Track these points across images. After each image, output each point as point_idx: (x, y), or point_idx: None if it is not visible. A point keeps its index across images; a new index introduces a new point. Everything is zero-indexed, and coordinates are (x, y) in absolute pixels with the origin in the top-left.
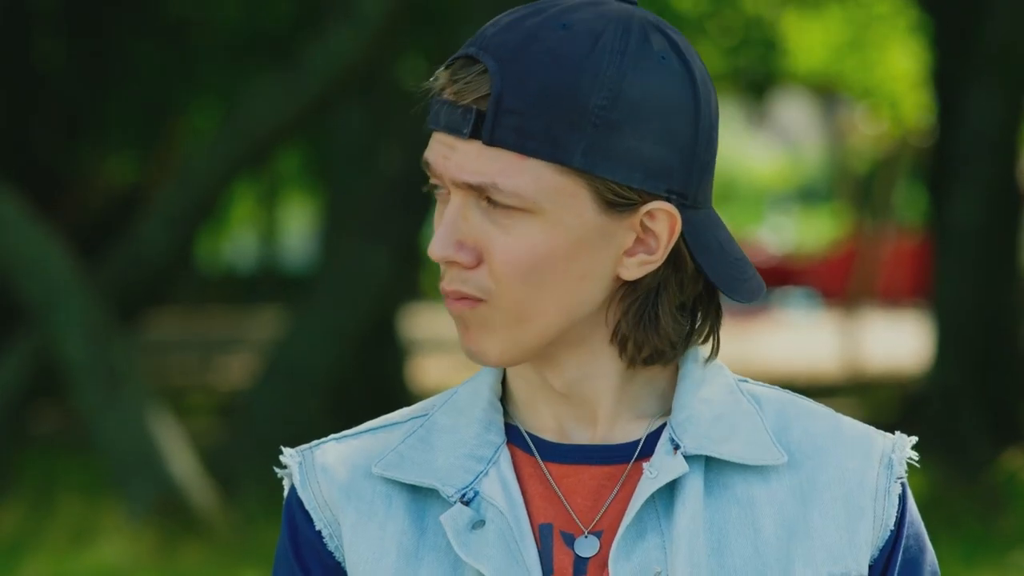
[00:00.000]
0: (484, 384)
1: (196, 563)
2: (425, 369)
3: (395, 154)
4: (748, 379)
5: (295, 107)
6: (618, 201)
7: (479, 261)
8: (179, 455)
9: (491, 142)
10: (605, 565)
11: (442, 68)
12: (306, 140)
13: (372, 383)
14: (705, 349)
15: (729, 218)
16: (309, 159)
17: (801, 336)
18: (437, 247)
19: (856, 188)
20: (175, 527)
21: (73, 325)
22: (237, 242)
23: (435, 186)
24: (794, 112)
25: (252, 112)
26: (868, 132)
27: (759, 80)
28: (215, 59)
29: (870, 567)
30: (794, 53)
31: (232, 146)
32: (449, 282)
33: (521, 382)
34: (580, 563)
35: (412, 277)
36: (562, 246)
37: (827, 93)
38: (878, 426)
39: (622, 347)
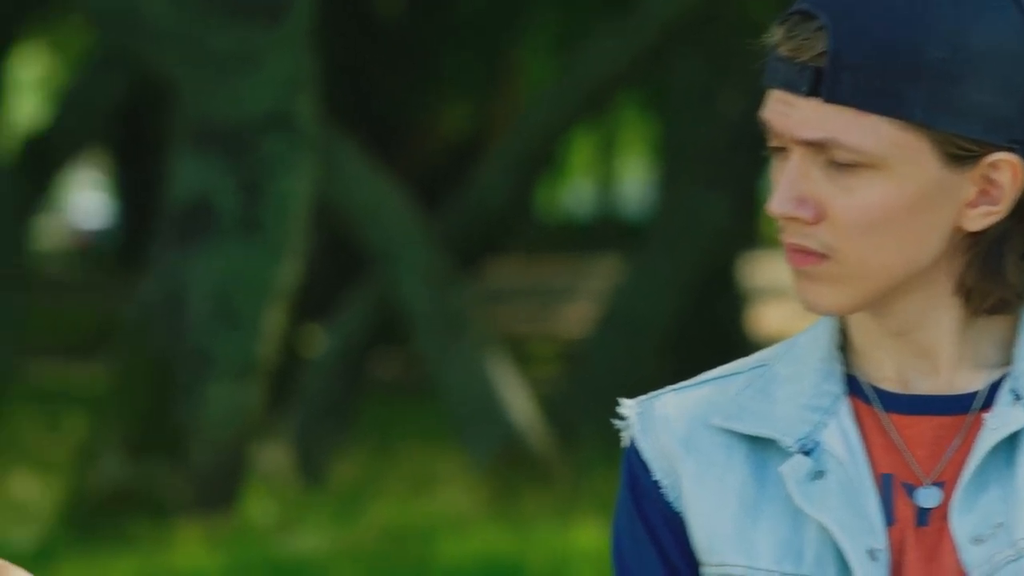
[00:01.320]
0: (824, 333)
1: (535, 511)
2: (764, 317)
3: (734, 99)
4: None
5: (632, 53)
6: (960, 154)
7: (820, 217)
8: (519, 403)
9: (831, 99)
10: (946, 516)
11: (777, 24)
12: (644, 87)
13: (709, 331)
14: None
15: None
16: (647, 106)
17: None
18: (777, 203)
19: None
20: (514, 475)
21: (414, 273)
22: (575, 190)
23: (775, 145)
24: None
25: (589, 59)
26: None
27: None
28: (550, 6)
29: None
30: None
31: (570, 94)
32: (790, 236)
33: (861, 331)
34: (922, 514)
35: (751, 224)
36: (904, 202)
37: None
38: None
39: (966, 297)
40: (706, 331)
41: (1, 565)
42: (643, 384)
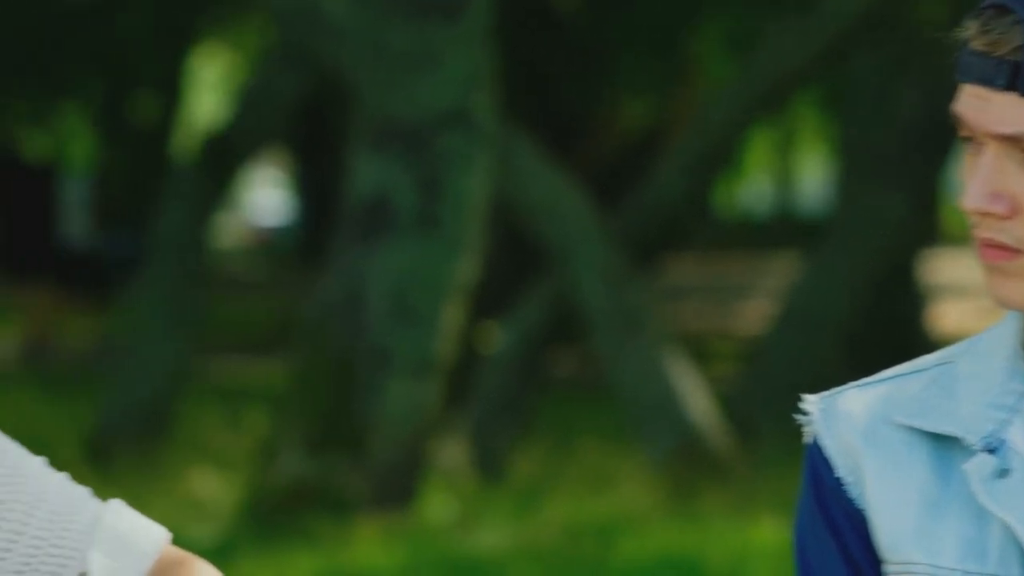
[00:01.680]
0: (1008, 331)
1: (713, 508)
2: (945, 315)
3: (914, 98)
4: None
5: (811, 51)
6: None
7: (1015, 212)
8: (697, 400)
9: None
10: None
11: (971, 18)
12: (823, 85)
13: (888, 329)
14: None
15: None
16: (825, 103)
17: None
18: (971, 199)
19: None
20: (692, 472)
21: (591, 270)
22: (753, 187)
23: (967, 138)
24: None
25: (768, 57)
26: None
27: None
28: (729, 4)
29: None
30: None
31: (749, 91)
32: (983, 231)
33: None
34: None
35: (930, 220)
36: None
37: None
38: None
39: None
40: (884, 329)
41: (187, 557)
42: (821, 382)
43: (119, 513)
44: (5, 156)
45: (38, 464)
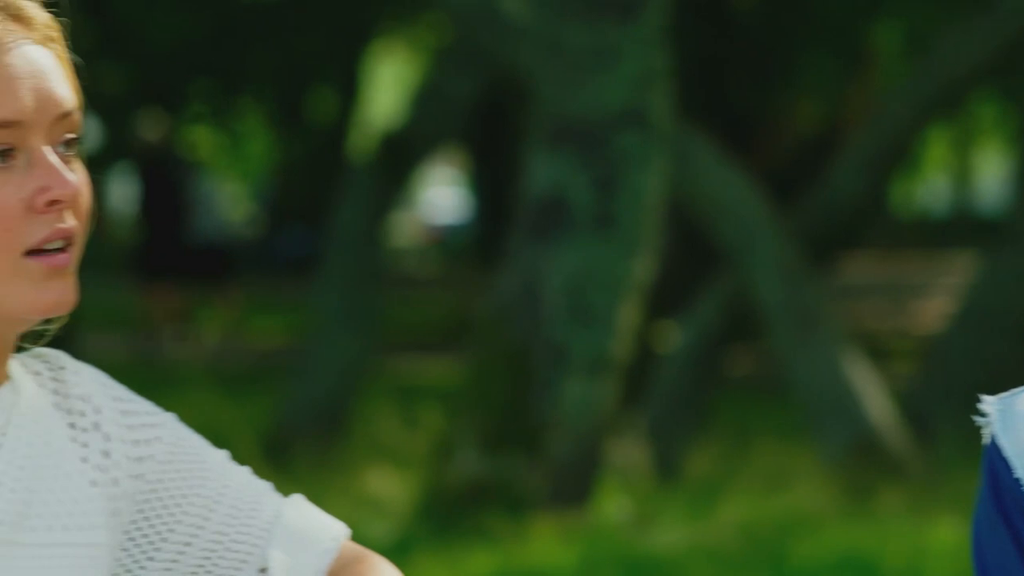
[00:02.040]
0: None
1: (890, 508)
2: None
3: None
4: None
5: (989, 50)
6: None
7: None
8: (874, 398)
9: None
10: None
11: None
12: (1001, 82)
13: None
14: None
15: None
16: (1004, 100)
17: None
18: None
19: None
20: (869, 471)
21: (768, 267)
22: (930, 186)
23: None
24: None
25: (945, 55)
26: None
27: None
28: (906, 2)
29: None
30: None
31: (926, 89)
32: None
33: None
34: None
35: None
36: None
37: None
38: None
39: None
40: None
41: (366, 554)
42: (1000, 381)
43: (300, 508)
44: (172, 154)
45: (221, 457)
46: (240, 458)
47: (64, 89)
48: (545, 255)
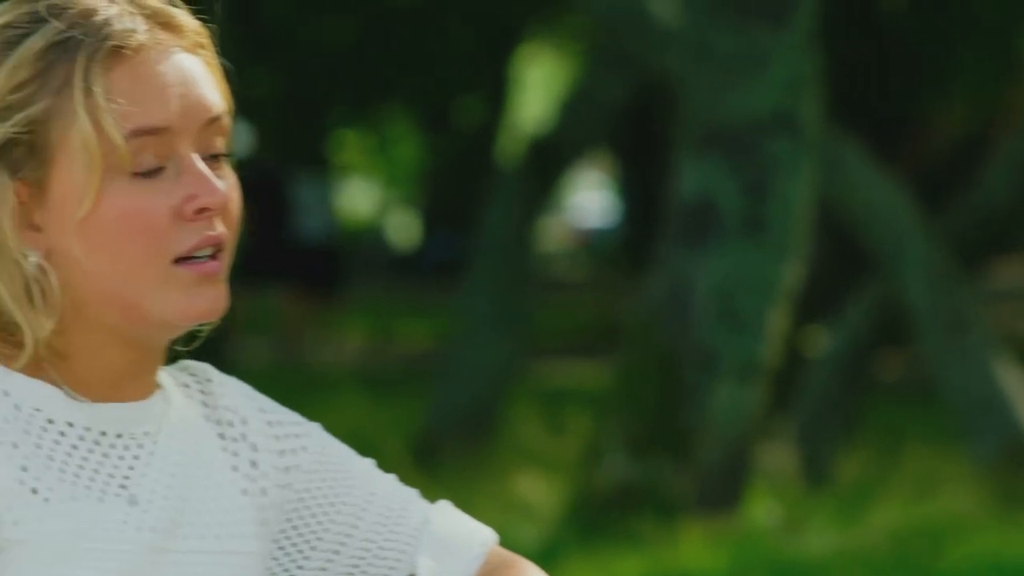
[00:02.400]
0: None
1: None
2: None
3: None
4: None
5: None
6: None
7: None
8: None
9: None
10: None
11: None
12: None
13: None
14: None
15: None
16: None
17: None
18: None
19: None
20: (1021, 476)
21: (918, 272)
22: None
23: None
24: None
25: None
26: None
27: None
28: None
29: None
30: None
31: None
32: None
33: None
34: None
35: None
36: None
37: None
38: None
39: None
40: None
41: (514, 559)
42: None
43: (447, 514)
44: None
45: (367, 465)
46: (388, 462)
47: (213, 95)
48: (694, 260)
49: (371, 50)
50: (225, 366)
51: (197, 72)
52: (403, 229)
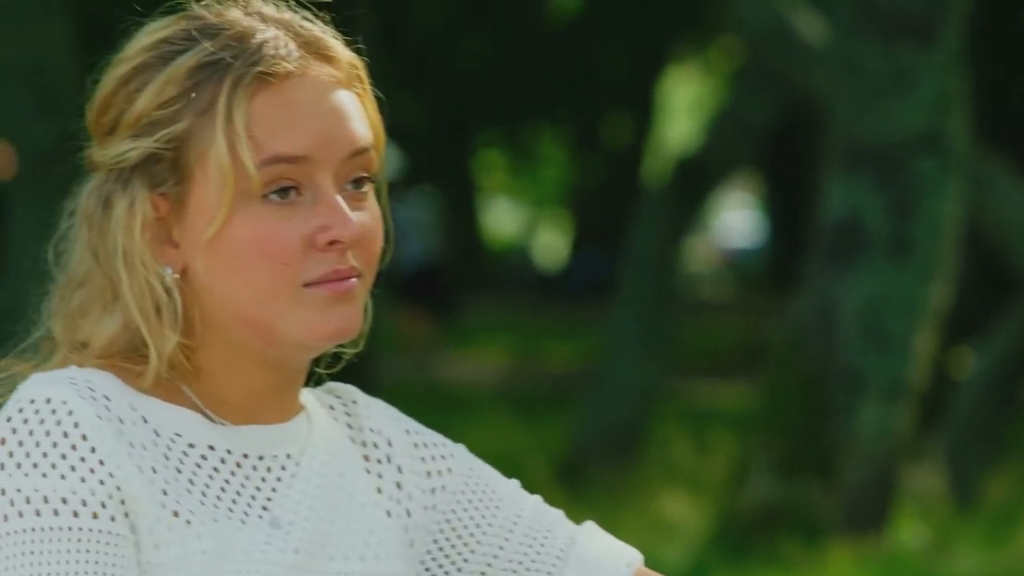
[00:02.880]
0: None
1: None
2: None
3: None
4: None
5: None
6: None
7: None
8: None
9: None
10: None
11: None
12: None
13: None
14: None
15: None
16: None
17: None
18: None
19: None
20: None
21: None
22: None
23: None
24: None
25: None
26: None
27: None
28: None
29: None
30: None
31: None
32: None
33: None
34: None
35: None
36: None
37: None
38: None
39: None
40: None
41: None
42: None
43: (593, 535)
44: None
45: (513, 487)
46: (534, 482)
47: (360, 127)
48: (841, 280)
49: (519, 71)
50: (370, 387)
51: (344, 103)
52: (550, 249)
